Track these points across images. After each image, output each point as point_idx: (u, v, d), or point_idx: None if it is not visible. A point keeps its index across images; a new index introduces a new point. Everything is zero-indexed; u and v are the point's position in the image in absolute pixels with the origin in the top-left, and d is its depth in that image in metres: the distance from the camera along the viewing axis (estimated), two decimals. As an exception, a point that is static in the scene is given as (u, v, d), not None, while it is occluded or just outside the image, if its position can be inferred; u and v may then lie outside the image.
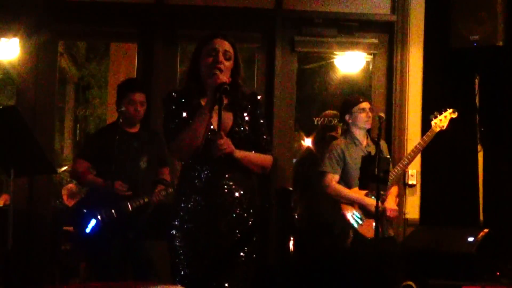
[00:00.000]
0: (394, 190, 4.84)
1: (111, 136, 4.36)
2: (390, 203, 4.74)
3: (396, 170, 4.77)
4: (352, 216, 4.74)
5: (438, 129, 4.87)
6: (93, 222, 4.27)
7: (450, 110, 4.93)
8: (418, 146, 4.82)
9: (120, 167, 4.32)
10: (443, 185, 5.78)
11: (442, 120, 4.88)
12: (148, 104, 4.69)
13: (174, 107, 3.05)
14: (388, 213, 4.68)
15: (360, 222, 4.69)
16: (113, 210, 4.29)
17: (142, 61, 6.01)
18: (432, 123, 4.88)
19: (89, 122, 14.52)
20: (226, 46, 3.04)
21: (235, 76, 3.08)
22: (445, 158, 5.71)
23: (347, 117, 4.88)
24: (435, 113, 4.92)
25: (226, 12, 5.96)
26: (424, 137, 4.85)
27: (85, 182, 4.53)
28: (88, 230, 4.27)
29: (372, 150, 4.77)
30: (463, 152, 5.75)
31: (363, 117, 4.79)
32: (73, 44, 13.17)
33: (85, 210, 4.40)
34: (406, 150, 5.58)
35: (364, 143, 4.84)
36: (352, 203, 4.73)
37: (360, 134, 4.84)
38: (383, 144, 4.94)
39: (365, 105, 4.84)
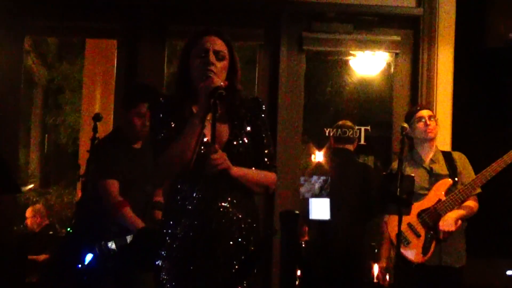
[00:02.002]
0: (460, 211, 4.63)
1: (122, 151, 4.38)
2: (446, 221, 4.57)
3: (462, 192, 4.61)
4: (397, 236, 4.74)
5: None
6: (89, 256, 4.25)
7: None
8: (500, 163, 4.56)
9: (128, 190, 4.34)
10: (478, 209, 5.78)
11: None
12: None
13: (161, 115, 3.04)
14: (440, 227, 4.54)
15: (406, 243, 4.62)
16: (113, 244, 4.26)
17: (124, 61, 6.03)
18: None
19: (60, 132, 14.54)
20: (218, 44, 3.04)
21: (232, 78, 3.08)
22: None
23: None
24: None
25: (223, 4, 5.98)
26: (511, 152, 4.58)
27: (119, 216, 4.23)
28: (83, 263, 4.24)
29: (438, 167, 4.72)
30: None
31: (420, 127, 4.74)
32: (42, 41, 13.22)
33: (80, 241, 4.37)
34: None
35: (428, 159, 4.77)
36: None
37: (422, 149, 4.77)
38: (459, 158, 4.81)
39: (423, 113, 4.79)
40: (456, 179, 4.68)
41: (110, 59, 7.14)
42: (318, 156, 9.07)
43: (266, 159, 3.11)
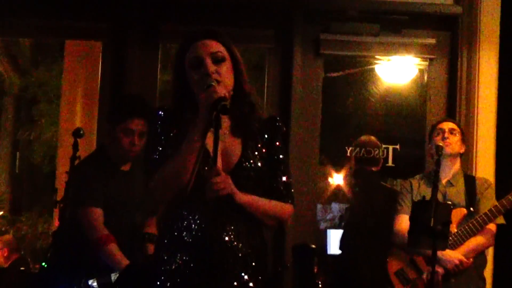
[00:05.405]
0: (473, 241, 4.74)
1: (106, 174, 4.39)
2: (453, 252, 4.67)
3: (476, 224, 4.70)
4: (398, 275, 4.79)
5: None
6: None
7: None
8: None
9: (113, 220, 4.35)
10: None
11: None
12: None
13: (159, 130, 3.06)
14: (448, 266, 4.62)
15: (405, 283, 4.73)
16: (95, 282, 4.26)
17: (110, 66, 6.05)
18: None
19: (34, 149, 14.57)
20: (214, 46, 3.04)
21: (240, 80, 3.09)
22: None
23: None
24: None
25: (226, 1, 6.02)
26: None
27: (103, 253, 4.25)
28: None
29: (454, 192, 4.80)
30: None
31: (437, 140, 4.83)
32: (14, 43, 13.29)
33: (56, 277, 4.36)
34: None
35: (445, 180, 4.86)
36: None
37: (441, 167, 4.76)
38: (481, 184, 4.90)
39: (444, 125, 4.92)
40: (471, 209, 4.75)
41: (93, 64, 7.17)
42: (337, 180, 9.07)
43: (281, 188, 3.12)
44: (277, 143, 3.15)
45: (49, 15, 6.03)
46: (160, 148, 3.03)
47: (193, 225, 2.98)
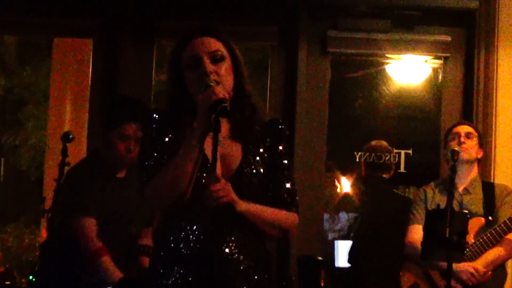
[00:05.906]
0: (492, 252, 4.75)
1: (100, 182, 4.39)
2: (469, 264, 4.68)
3: (495, 233, 4.71)
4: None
5: None
6: None
7: None
8: None
9: (108, 231, 4.35)
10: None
11: None
12: None
13: (154, 135, 3.05)
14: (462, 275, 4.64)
15: None
16: None
17: (101, 65, 6.07)
18: None
19: (21, 156, 14.57)
20: (212, 44, 3.05)
21: (240, 80, 3.09)
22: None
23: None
24: None
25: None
26: None
27: (96, 266, 4.26)
28: None
29: (471, 200, 4.81)
30: None
31: (452, 145, 4.83)
32: (-1, 40, 13.31)
33: None
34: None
35: (461, 187, 4.87)
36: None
37: (456, 173, 4.73)
38: (501, 191, 4.91)
39: (460, 128, 4.94)
40: (490, 218, 4.76)
41: (83, 64, 7.18)
42: (346, 187, 9.08)
43: (285, 195, 3.13)
44: (280, 148, 3.15)
45: (36, 11, 6.04)
46: (156, 154, 3.02)
47: (191, 236, 2.99)
